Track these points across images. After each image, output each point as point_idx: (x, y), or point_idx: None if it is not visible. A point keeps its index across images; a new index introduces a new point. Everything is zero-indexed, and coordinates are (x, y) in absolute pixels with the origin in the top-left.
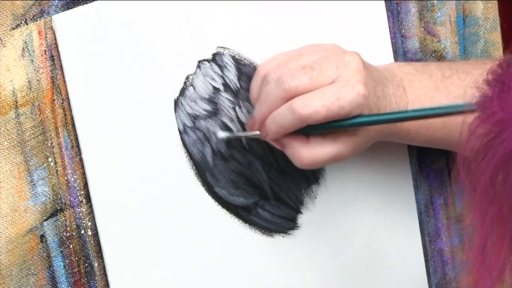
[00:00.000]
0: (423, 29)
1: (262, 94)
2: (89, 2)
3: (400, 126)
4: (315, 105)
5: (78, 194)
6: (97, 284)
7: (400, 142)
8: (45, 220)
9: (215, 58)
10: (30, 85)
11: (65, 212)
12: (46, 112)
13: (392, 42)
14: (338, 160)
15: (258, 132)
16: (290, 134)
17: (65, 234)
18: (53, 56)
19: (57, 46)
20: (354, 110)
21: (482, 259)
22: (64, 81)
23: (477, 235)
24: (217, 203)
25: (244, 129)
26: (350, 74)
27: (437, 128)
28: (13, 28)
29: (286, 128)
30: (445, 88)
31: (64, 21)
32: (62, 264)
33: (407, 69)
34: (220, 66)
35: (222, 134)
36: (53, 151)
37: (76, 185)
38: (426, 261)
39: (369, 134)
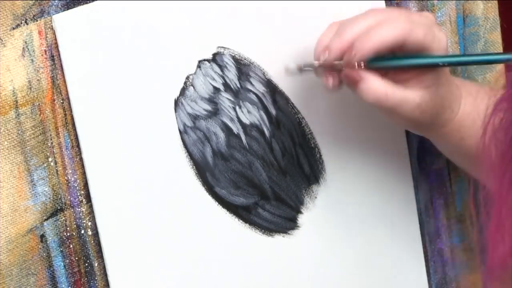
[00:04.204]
0: None
1: (345, 20)
2: (89, 2)
3: (454, 117)
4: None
5: (78, 194)
6: (97, 284)
7: (450, 143)
8: (45, 220)
9: (216, 58)
10: (30, 85)
11: (65, 212)
12: (46, 112)
13: None
14: (403, 108)
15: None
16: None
17: (65, 234)
18: (53, 56)
19: (57, 46)
20: (441, 50)
21: (498, 225)
22: (64, 81)
23: (495, 202)
24: (217, 203)
25: (246, 132)
26: (429, 22)
27: None
28: (13, 28)
29: (386, 41)
30: (496, 92)
31: (64, 21)
32: (62, 264)
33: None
34: (220, 66)
35: (291, 65)
36: (53, 151)
37: (76, 185)
38: (426, 261)
39: (436, 99)
